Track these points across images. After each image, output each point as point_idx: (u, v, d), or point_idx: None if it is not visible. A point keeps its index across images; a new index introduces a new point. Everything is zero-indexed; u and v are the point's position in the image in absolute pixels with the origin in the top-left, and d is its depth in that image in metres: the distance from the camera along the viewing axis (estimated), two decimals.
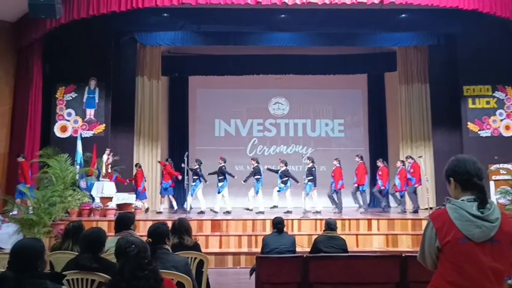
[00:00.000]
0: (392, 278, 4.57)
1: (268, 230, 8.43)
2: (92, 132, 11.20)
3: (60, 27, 9.80)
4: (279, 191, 11.03)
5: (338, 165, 10.97)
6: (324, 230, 5.43)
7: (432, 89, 12.60)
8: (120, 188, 10.80)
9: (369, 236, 8.86)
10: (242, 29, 11.77)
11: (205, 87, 14.61)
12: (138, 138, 12.62)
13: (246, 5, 9.61)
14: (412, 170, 10.84)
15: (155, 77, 13.08)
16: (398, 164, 11.11)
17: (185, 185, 10.41)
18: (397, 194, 11.08)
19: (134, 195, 10.72)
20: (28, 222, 8.15)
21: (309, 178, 10.51)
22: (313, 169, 10.79)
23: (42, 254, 2.34)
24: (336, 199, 10.85)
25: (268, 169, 11.28)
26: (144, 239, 3.04)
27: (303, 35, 12.31)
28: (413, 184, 10.79)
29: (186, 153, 10.83)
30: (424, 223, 8.40)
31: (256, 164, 11.15)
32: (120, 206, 10.03)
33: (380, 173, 11.13)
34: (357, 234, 8.83)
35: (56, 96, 11.36)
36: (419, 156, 10.97)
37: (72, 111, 11.30)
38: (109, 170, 10.48)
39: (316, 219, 9.07)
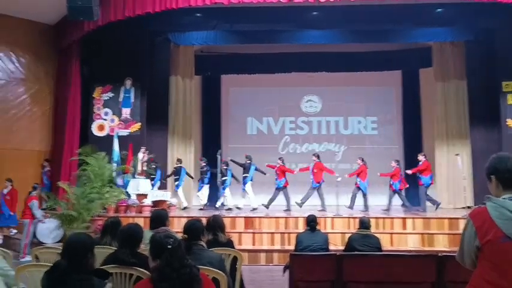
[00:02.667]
0: (428, 277, 4.48)
1: (301, 228, 8.44)
2: (128, 130, 11.47)
3: (97, 29, 10.10)
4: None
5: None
6: (357, 228, 5.39)
7: (469, 85, 12.20)
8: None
9: (403, 235, 8.71)
10: (274, 27, 11.76)
11: (237, 86, 14.71)
12: (172, 136, 12.83)
13: (278, 3, 9.62)
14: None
15: (188, 76, 13.27)
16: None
17: (218, 182, 10.53)
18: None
19: (169, 192, 10.94)
20: (68, 218, 8.47)
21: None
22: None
23: (92, 248, 2.45)
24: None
25: (232, 161, 11.58)
26: (179, 235, 3.11)
27: (335, 32, 12.17)
28: (424, 184, 10.52)
29: (219, 151, 10.94)
30: (462, 222, 8.23)
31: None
32: (155, 203, 10.25)
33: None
34: (391, 233, 8.69)
35: (94, 96, 11.70)
36: (456, 154, 10.68)
37: (109, 111, 11.62)
38: (144, 168, 10.70)
39: (349, 218, 8.98)
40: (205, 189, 11.69)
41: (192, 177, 12.12)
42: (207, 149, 14.07)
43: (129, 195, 10.19)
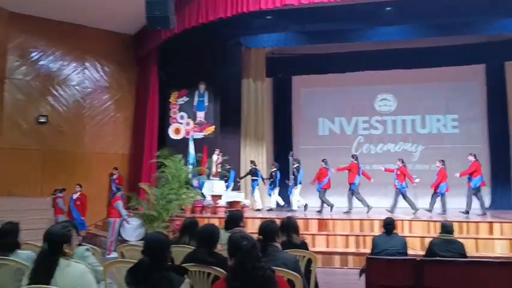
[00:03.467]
0: None
1: (376, 231, 8.21)
2: (203, 133, 11.86)
3: (173, 36, 10.54)
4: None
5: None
6: (439, 233, 5.11)
7: None
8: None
9: (490, 241, 8.13)
10: (346, 26, 11.54)
11: (308, 87, 14.63)
12: (245, 138, 13.06)
13: (350, 1, 9.42)
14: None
15: (260, 78, 13.43)
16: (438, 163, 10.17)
17: (289, 183, 10.52)
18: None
19: (242, 194, 11.12)
20: (149, 218, 8.91)
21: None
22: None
23: (169, 246, 2.57)
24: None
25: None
26: (254, 236, 3.14)
27: (410, 27, 11.68)
28: (474, 186, 9.72)
29: (291, 152, 10.94)
30: None
31: (253, 166, 11.59)
32: (229, 204, 10.47)
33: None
34: (476, 238, 8.14)
35: (170, 100, 12.25)
36: None
37: (185, 114, 12.09)
38: (218, 170, 10.98)
39: (429, 221, 8.56)
40: (275, 192, 11.70)
41: (265, 181, 12.24)
42: (278, 150, 14.15)
43: (204, 196, 10.50)
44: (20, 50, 11.41)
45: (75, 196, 10.21)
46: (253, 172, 11.61)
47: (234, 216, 4.25)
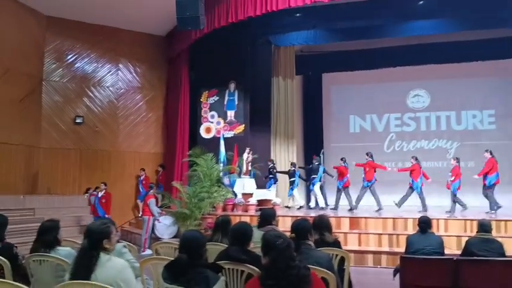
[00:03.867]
0: None
1: (410, 229, 8.05)
2: (233, 132, 11.93)
3: (203, 36, 10.64)
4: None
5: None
6: (476, 232, 4.96)
7: None
8: (258, 185, 11.32)
9: None
10: (377, 22, 11.35)
11: (339, 84, 14.49)
12: (275, 137, 13.05)
13: None
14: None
15: (289, 76, 13.40)
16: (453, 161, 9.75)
17: (322, 182, 10.46)
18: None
19: (273, 192, 11.13)
20: (182, 216, 9.05)
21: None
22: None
23: (205, 244, 2.62)
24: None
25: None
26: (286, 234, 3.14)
27: (444, 21, 11.33)
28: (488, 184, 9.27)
29: (322, 150, 10.87)
30: None
31: (293, 168, 11.63)
32: (260, 202, 10.50)
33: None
34: None
35: (201, 100, 12.37)
36: None
37: (215, 113, 12.19)
38: (249, 168, 11.03)
39: (465, 220, 8.32)
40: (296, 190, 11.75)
41: (305, 180, 12.25)
42: (309, 148, 14.07)
43: (235, 195, 10.56)
44: (57, 52, 11.80)
45: (100, 194, 10.36)
46: (291, 173, 11.63)
47: (267, 214, 4.25)
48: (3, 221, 3.82)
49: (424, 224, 5.07)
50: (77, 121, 11.85)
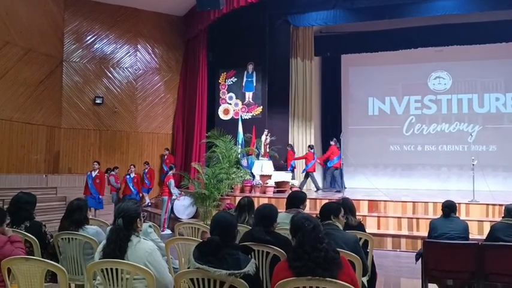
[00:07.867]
0: None
1: (431, 213, 8.00)
2: (251, 114, 11.89)
3: (222, 17, 10.54)
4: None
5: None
6: (502, 217, 4.87)
7: None
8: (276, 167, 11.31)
9: None
10: (397, 1, 11.07)
11: (358, 65, 14.26)
12: (293, 118, 12.98)
13: None
14: None
15: (308, 57, 13.24)
16: None
17: (340, 165, 10.41)
18: None
19: (291, 174, 11.13)
20: (201, 197, 9.11)
21: None
22: None
23: (236, 226, 2.63)
24: None
25: None
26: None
27: (466, 0, 11.01)
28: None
29: (342, 133, 10.76)
30: None
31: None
32: (278, 184, 10.52)
33: None
34: None
35: (219, 81, 12.32)
36: None
37: (233, 95, 12.15)
38: (267, 150, 11.02)
39: (487, 204, 8.21)
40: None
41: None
42: (327, 130, 13.97)
43: (253, 176, 10.59)
44: (76, 33, 11.84)
45: (94, 174, 10.04)
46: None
47: (295, 197, 4.22)
48: (32, 199, 3.89)
49: (448, 208, 4.99)
50: (96, 102, 11.95)
